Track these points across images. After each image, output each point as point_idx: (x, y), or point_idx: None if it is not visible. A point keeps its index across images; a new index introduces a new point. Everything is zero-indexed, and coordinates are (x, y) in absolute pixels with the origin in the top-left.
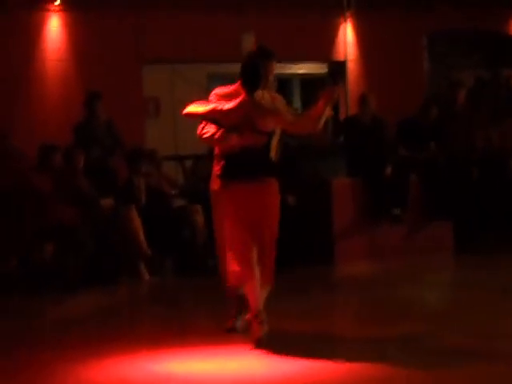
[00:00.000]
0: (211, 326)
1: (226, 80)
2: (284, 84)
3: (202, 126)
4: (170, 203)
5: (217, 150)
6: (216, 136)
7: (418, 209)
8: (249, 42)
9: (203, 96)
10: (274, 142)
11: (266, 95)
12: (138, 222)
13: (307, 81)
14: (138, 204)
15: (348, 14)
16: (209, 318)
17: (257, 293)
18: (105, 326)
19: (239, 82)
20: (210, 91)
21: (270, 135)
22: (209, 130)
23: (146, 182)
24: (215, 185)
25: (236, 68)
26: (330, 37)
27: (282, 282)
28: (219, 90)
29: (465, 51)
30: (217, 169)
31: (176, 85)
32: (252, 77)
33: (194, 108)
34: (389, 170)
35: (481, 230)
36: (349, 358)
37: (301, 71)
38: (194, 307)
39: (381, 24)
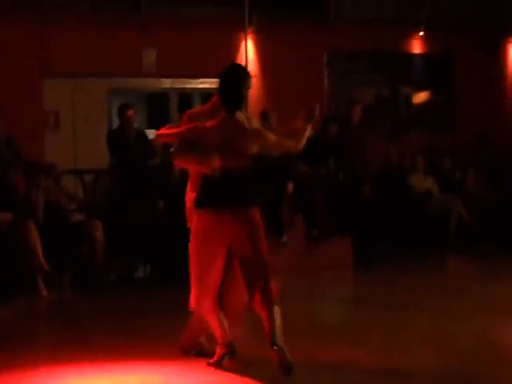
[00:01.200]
0: (109, 342)
1: (126, 95)
2: (185, 99)
3: (176, 147)
4: (69, 218)
5: (191, 175)
6: (195, 158)
7: (322, 225)
8: (150, 58)
9: (102, 110)
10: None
11: (241, 115)
12: (35, 237)
13: (209, 95)
14: (36, 218)
15: (249, 30)
16: (107, 333)
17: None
18: (1, 341)
19: (213, 102)
20: (110, 106)
21: (251, 158)
22: (184, 151)
23: (45, 196)
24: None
25: (136, 82)
26: (230, 53)
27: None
28: (191, 111)
29: (365, 69)
30: (191, 195)
31: (76, 99)
32: (234, 96)
33: (168, 129)
34: (290, 185)
35: (378, 245)
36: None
37: (202, 86)
38: (92, 323)
39: (282, 41)
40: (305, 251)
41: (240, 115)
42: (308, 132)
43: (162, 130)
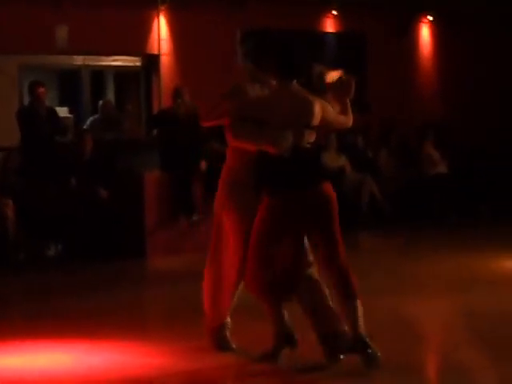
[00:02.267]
0: (20, 321)
1: (37, 72)
2: (98, 76)
3: (237, 125)
4: None
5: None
6: (264, 137)
7: None
8: (62, 35)
9: (13, 87)
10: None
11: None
12: None
13: (121, 73)
14: None
15: (162, 8)
16: (18, 313)
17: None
18: None
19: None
20: (21, 83)
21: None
22: (248, 130)
23: None
24: (243, 198)
25: (48, 59)
26: (143, 31)
27: (92, 276)
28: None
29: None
30: (240, 176)
31: None
32: (293, 62)
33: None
34: (203, 164)
35: None
36: (158, 354)
37: (114, 63)
38: (2, 302)
39: (195, 18)
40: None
41: (295, 84)
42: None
43: (209, 116)
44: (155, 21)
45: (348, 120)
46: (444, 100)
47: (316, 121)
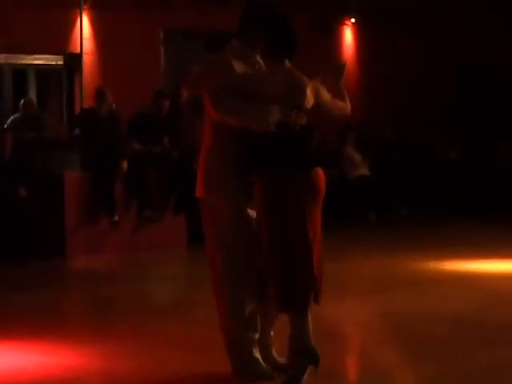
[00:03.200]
0: None
1: None
2: (19, 74)
3: (220, 96)
4: None
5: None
6: (249, 111)
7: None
8: None
9: None
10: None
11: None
12: None
13: (43, 72)
14: None
15: (84, 7)
16: None
17: None
18: None
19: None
20: None
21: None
22: (232, 102)
23: None
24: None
25: None
26: (65, 29)
27: (11, 276)
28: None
29: (201, 49)
30: (221, 153)
31: None
32: (289, 37)
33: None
34: (125, 164)
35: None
36: (77, 355)
37: (36, 62)
38: None
39: (117, 18)
40: (137, 231)
41: (287, 62)
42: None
43: (195, 79)
44: (77, 20)
45: (347, 106)
46: (365, 101)
47: (308, 103)
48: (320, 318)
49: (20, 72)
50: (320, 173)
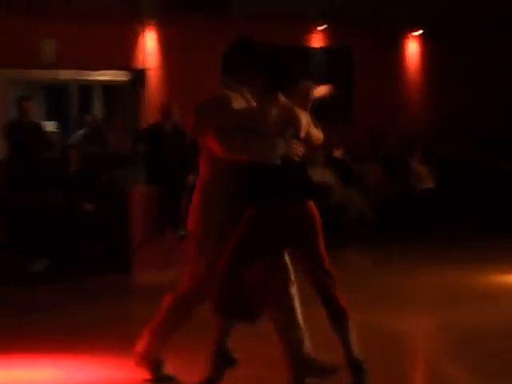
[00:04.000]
0: (8, 335)
1: (25, 86)
2: (85, 90)
3: (228, 134)
4: None
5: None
6: (256, 145)
7: None
8: (50, 49)
9: (2, 101)
10: None
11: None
12: None
13: (109, 88)
14: None
15: (148, 22)
16: (5, 326)
17: None
18: None
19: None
20: (8, 97)
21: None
22: (239, 138)
23: None
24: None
25: (36, 74)
26: (130, 45)
27: (77, 291)
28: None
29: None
30: (217, 189)
31: None
32: (284, 74)
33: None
34: (190, 178)
35: None
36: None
37: (102, 78)
38: None
39: (181, 33)
40: None
41: (281, 96)
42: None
43: (196, 122)
44: (142, 35)
45: (320, 134)
46: (431, 114)
47: (303, 133)
48: (384, 332)
49: (86, 88)
50: (313, 204)
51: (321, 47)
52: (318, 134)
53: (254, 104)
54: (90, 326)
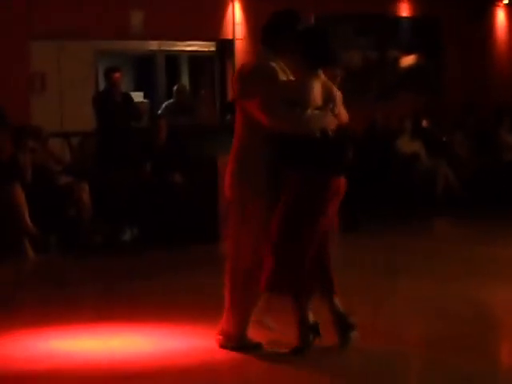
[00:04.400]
0: (95, 304)
1: (113, 57)
2: (172, 61)
3: (275, 106)
4: (56, 180)
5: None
6: (304, 118)
7: None
8: (137, 20)
9: (89, 73)
10: None
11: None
12: (22, 199)
13: (195, 58)
14: (23, 181)
15: None
16: (93, 296)
17: None
18: None
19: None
20: (97, 68)
21: None
22: (280, 107)
23: (32, 158)
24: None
25: (124, 45)
26: (217, 15)
27: (167, 261)
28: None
29: (352, 32)
30: (256, 154)
31: (63, 61)
32: (326, 51)
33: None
34: None
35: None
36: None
37: (189, 48)
38: (79, 286)
39: (269, 3)
40: None
41: (321, 73)
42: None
43: (243, 86)
44: (230, 6)
45: (346, 115)
46: None
47: (338, 109)
48: (474, 304)
49: (173, 58)
50: (343, 180)
51: (410, 16)
52: (345, 113)
53: (292, 77)
54: (177, 295)
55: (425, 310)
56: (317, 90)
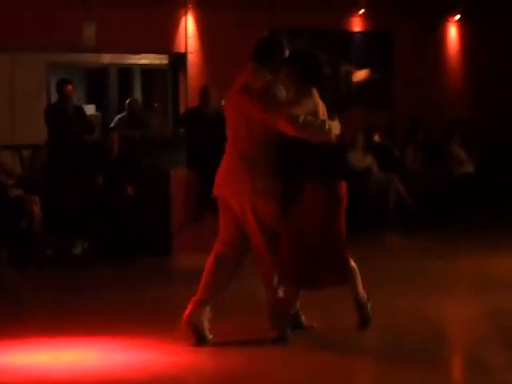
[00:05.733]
0: (46, 318)
1: (65, 70)
2: (125, 74)
3: (302, 118)
4: (7, 193)
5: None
6: (322, 127)
7: None
8: (90, 33)
9: (41, 85)
10: None
11: None
12: None
13: (148, 71)
14: None
15: (189, 6)
16: (44, 309)
17: None
18: None
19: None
20: (49, 80)
21: None
22: (309, 121)
23: None
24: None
25: (76, 58)
26: (170, 29)
27: (117, 274)
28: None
29: (306, 46)
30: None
31: (15, 73)
32: (322, 72)
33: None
34: None
35: None
36: (184, 352)
37: (142, 62)
38: (29, 299)
39: (222, 16)
40: None
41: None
42: None
43: (266, 103)
44: (182, 19)
45: (338, 125)
46: (470, 98)
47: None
48: (426, 318)
49: (126, 72)
50: (344, 185)
51: (361, 31)
52: (337, 125)
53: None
54: (128, 308)
55: (375, 322)
56: (309, 104)
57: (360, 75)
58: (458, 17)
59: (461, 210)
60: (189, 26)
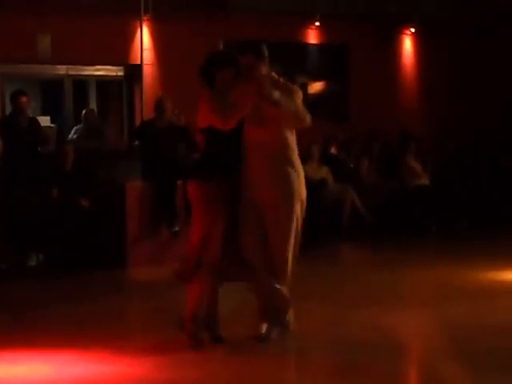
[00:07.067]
0: (1, 330)
1: (20, 81)
2: (80, 86)
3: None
4: None
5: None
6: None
7: None
8: (45, 44)
9: None
10: None
11: None
12: None
13: (104, 83)
14: None
15: (145, 17)
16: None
17: None
18: None
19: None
20: (3, 92)
21: None
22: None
23: None
24: None
25: (31, 69)
26: (126, 41)
27: (72, 286)
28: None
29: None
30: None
31: None
32: None
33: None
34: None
35: None
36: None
37: (97, 73)
38: None
39: (178, 28)
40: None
41: None
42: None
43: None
44: (138, 31)
45: None
46: (426, 111)
47: None
48: (379, 330)
49: (81, 83)
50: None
51: (318, 43)
52: None
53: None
54: (84, 321)
55: (328, 335)
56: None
57: (315, 87)
58: (412, 29)
59: (416, 222)
60: (144, 38)
